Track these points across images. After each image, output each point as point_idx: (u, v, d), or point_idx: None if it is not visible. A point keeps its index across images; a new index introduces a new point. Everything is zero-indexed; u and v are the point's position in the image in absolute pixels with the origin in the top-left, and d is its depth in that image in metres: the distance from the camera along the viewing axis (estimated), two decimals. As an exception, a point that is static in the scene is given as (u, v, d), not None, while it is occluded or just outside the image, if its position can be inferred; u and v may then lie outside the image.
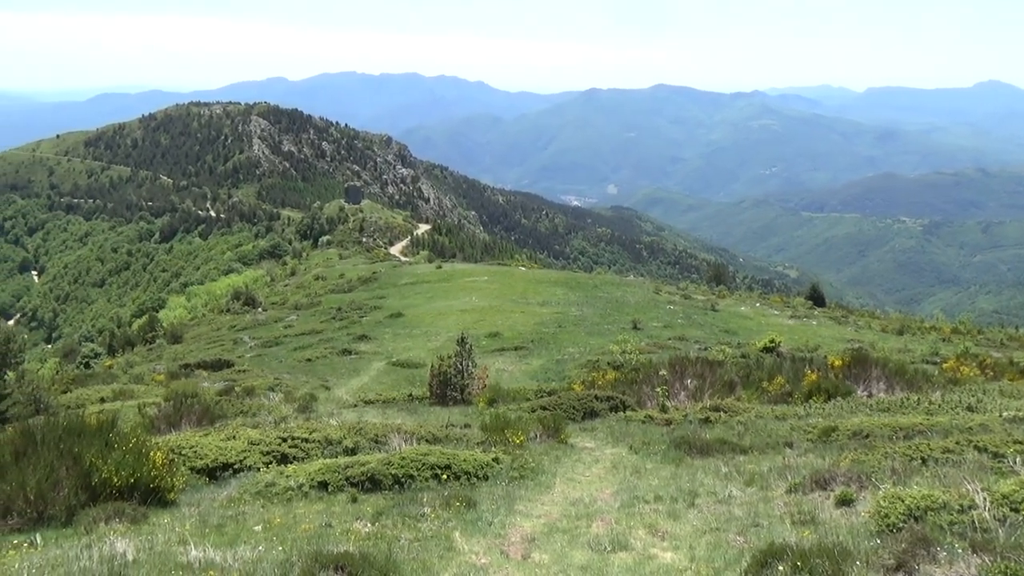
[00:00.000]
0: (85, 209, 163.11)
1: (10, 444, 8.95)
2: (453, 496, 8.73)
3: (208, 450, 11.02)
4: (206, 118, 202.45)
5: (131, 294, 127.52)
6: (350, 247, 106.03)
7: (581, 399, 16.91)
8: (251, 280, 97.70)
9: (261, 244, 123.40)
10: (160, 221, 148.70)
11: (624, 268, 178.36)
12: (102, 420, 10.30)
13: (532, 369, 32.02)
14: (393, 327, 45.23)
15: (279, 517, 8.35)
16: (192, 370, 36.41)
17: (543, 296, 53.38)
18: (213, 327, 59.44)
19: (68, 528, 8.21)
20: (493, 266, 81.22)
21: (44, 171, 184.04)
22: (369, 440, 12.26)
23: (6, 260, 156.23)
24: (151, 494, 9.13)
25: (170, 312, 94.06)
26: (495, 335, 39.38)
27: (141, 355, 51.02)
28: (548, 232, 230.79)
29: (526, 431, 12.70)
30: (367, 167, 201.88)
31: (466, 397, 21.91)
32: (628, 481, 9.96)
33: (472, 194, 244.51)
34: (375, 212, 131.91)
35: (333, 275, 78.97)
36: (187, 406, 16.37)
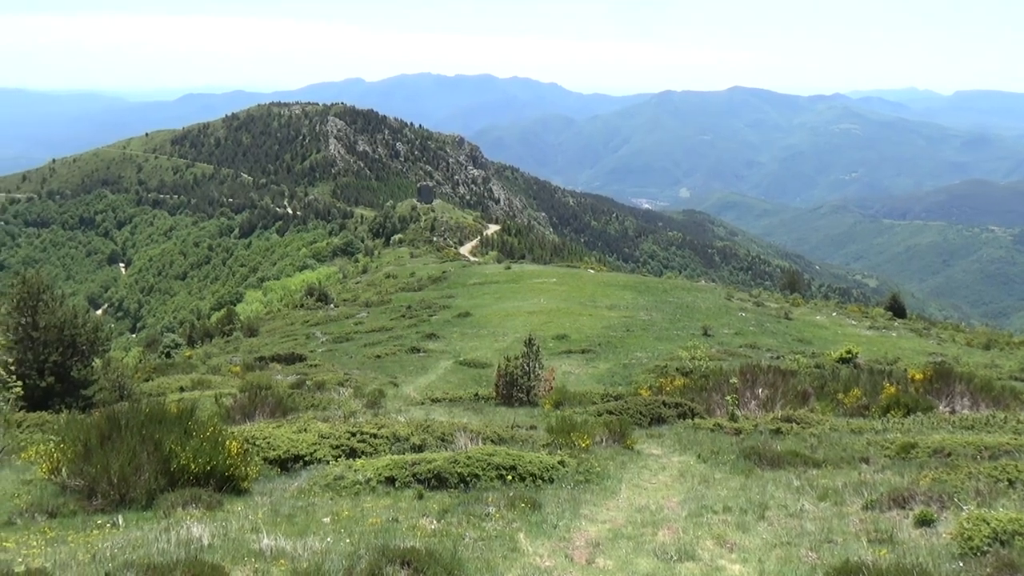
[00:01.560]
0: (170, 204, 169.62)
1: (96, 428, 9.34)
2: (518, 497, 8.73)
3: (280, 442, 11.29)
4: (285, 118, 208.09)
5: (211, 287, 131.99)
6: (421, 246, 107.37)
7: (648, 405, 16.70)
8: (324, 277, 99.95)
9: (335, 241, 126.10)
10: (240, 217, 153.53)
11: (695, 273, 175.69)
12: (181, 409, 10.67)
13: (599, 373, 31.81)
14: (461, 326, 45.58)
15: (347, 510, 8.49)
16: (266, 363, 37.45)
17: (611, 299, 52.99)
18: (287, 321, 61.00)
19: (148, 511, 8.52)
20: (562, 268, 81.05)
21: (133, 168, 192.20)
22: (436, 438, 12.37)
23: (96, 252, 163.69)
24: (226, 482, 9.41)
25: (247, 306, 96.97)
26: (562, 337, 39.27)
27: (219, 347, 52.73)
28: (618, 235, 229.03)
29: (592, 435, 12.62)
30: (439, 167, 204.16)
31: (532, 399, 21.90)
32: (696, 490, 9.79)
33: (542, 195, 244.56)
34: (446, 212, 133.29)
35: (404, 273, 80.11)
36: (261, 398, 16.80)
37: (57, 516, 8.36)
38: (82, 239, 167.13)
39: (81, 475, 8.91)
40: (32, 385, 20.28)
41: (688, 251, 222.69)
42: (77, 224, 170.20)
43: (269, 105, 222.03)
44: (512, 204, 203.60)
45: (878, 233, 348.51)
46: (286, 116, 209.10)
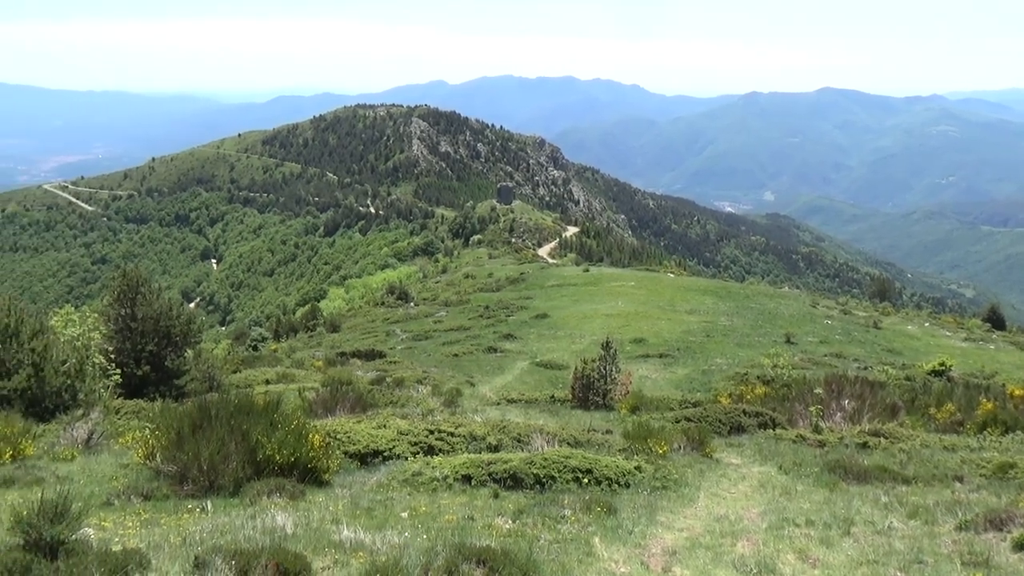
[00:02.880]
0: (259, 203, 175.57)
1: (189, 417, 9.75)
2: (594, 501, 8.68)
3: (360, 436, 11.54)
4: (370, 119, 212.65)
5: (296, 284, 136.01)
6: (500, 247, 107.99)
7: (728, 413, 16.37)
8: (405, 275, 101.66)
9: (415, 241, 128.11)
10: (325, 216, 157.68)
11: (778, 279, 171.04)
12: (267, 401, 11.01)
13: (677, 378, 31.35)
14: (538, 328, 45.64)
15: (424, 506, 8.61)
16: (347, 358, 38.35)
17: (691, 304, 52.16)
18: (368, 319, 62.32)
19: (234, 499, 8.83)
20: (640, 271, 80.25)
21: (226, 167, 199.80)
22: (512, 438, 12.42)
23: (190, 248, 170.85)
24: (308, 474, 9.68)
25: (330, 302, 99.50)
26: (640, 341, 38.88)
27: (302, 341, 54.28)
28: (699, 239, 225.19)
29: (669, 441, 12.44)
30: (520, 168, 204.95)
31: (608, 402, 21.74)
32: (777, 502, 9.53)
33: (622, 197, 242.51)
34: (525, 213, 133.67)
35: (482, 274, 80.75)
36: (342, 393, 17.20)
37: (151, 499, 8.75)
38: (177, 235, 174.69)
39: (174, 461, 9.31)
40: (129, 373, 21.30)
41: (772, 256, 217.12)
42: (173, 221, 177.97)
43: (355, 107, 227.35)
44: (592, 206, 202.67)
45: (976, 240, 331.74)
46: (371, 117, 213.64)
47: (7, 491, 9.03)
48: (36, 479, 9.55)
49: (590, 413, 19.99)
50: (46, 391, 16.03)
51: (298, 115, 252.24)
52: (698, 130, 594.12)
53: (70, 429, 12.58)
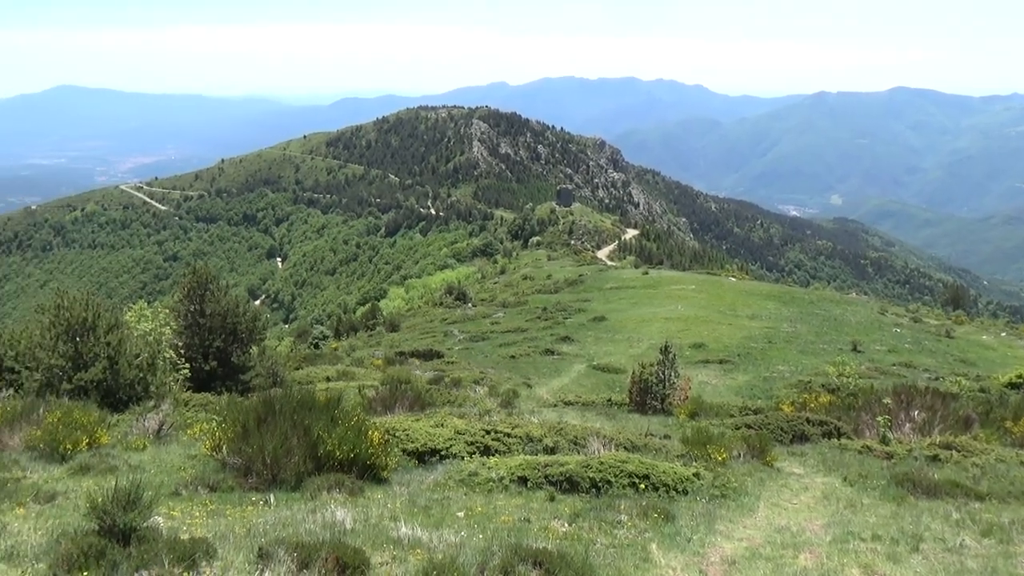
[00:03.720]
0: (323, 203, 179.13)
1: (254, 412, 10.00)
2: (651, 507, 8.59)
3: (418, 435, 11.65)
4: (432, 121, 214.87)
5: (357, 283, 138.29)
6: (558, 249, 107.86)
7: (790, 421, 16.00)
8: (463, 276, 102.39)
9: (474, 242, 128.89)
10: (386, 217, 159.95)
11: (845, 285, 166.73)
12: (328, 398, 11.22)
13: (737, 384, 30.83)
14: (596, 330, 45.43)
15: (480, 506, 8.65)
16: (406, 358, 38.80)
17: (753, 309, 51.24)
18: (427, 319, 62.95)
19: (296, 492, 9.02)
20: (701, 275, 79.17)
21: (291, 168, 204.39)
22: (568, 441, 12.38)
23: (256, 247, 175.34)
24: (367, 470, 9.82)
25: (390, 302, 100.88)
26: (700, 346, 38.37)
27: (362, 340, 55.15)
28: (762, 242, 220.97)
29: (729, 449, 12.24)
30: (579, 170, 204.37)
31: (666, 407, 21.50)
32: (841, 514, 9.28)
33: (683, 200, 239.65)
34: (584, 215, 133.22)
35: (540, 275, 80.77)
36: (401, 392, 17.40)
37: (217, 490, 9.00)
38: (244, 234, 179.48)
39: (239, 454, 9.56)
40: (197, 368, 21.95)
41: (838, 261, 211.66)
42: (241, 220, 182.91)
43: (417, 109, 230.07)
44: (652, 208, 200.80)
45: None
46: (432, 119, 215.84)
47: (83, 477, 9.41)
48: (110, 467, 9.92)
49: (647, 418, 19.80)
50: (120, 383, 16.64)
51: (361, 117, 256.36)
52: (763, 131, 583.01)
53: (142, 420, 13.02)
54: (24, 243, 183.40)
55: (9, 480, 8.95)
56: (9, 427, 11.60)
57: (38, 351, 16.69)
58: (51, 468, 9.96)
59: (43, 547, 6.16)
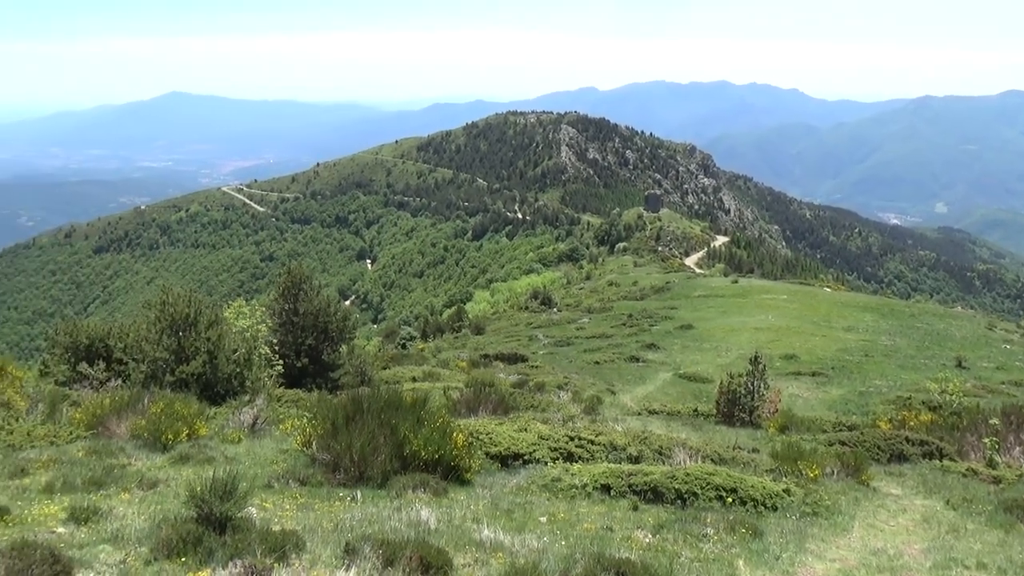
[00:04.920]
0: (412, 207, 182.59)
1: (343, 409, 10.25)
2: (738, 521, 8.37)
3: (502, 438, 11.70)
4: (520, 126, 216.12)
5: (444, 286, 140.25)
6: (645, 255, 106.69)
7: (888, 439, 15.31)
8: (549, 281, 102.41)
9: (560, 247, 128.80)
10: (473, 220, 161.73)
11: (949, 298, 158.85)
12: (415, 398, 11.38)
13: (830, 399, 29.77)
14: (682, 339, 44.69)
15: (563, 512, 8.62)
16: (490, 361, 39.08)
17: (849, 321, 49.41)
18: (512, 322, 63.27)
19: (381, 490, 9.19)
20: (794, 284, 76.86)
21: (383, 172, 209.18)
22: (653, 451, 12.19)
23: (348, 249, 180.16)
24: (451, 471, 9.92)
25: (475, 305, 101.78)
26: (791, 357, 37.25)
27: (448, 342, 55.86)
28: (860, 252, 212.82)
29: (822, 465, 11.80)
30: (668, 176, 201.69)
31: (755, 420, 20.92)
32: (943, 540, 8.81)
33: (776, 207, 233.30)
34: (673, 221, 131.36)
35: (626, 282, 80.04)
36: (485, 395, 17.51)
37: (306, 484, 9.26)
38: (337, 236, 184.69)
39: (328, 450, 9.82)
40: (290, 365, 22.70)
41: (942, 273, 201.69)
42: (333, 222, 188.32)
43: (506, 114, 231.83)
44: (743, 215, 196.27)
45: None
46: (521, 124, 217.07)
47: (183, 467, 9.84)
48: (208, 458, 10.34)
49: (735, 430, 19.32)
50: (218, 377, 17.36)
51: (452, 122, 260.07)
52: (862, 136, 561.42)
53: (238, 413, 13.54)
54: (133, 241, 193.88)
55: (116, 466, 9.45)
56: (117, 416, 12.25)
57: (144, 344, 17.59)
58: (154, 456, 10.46)
59: (145, 531, 6.46)
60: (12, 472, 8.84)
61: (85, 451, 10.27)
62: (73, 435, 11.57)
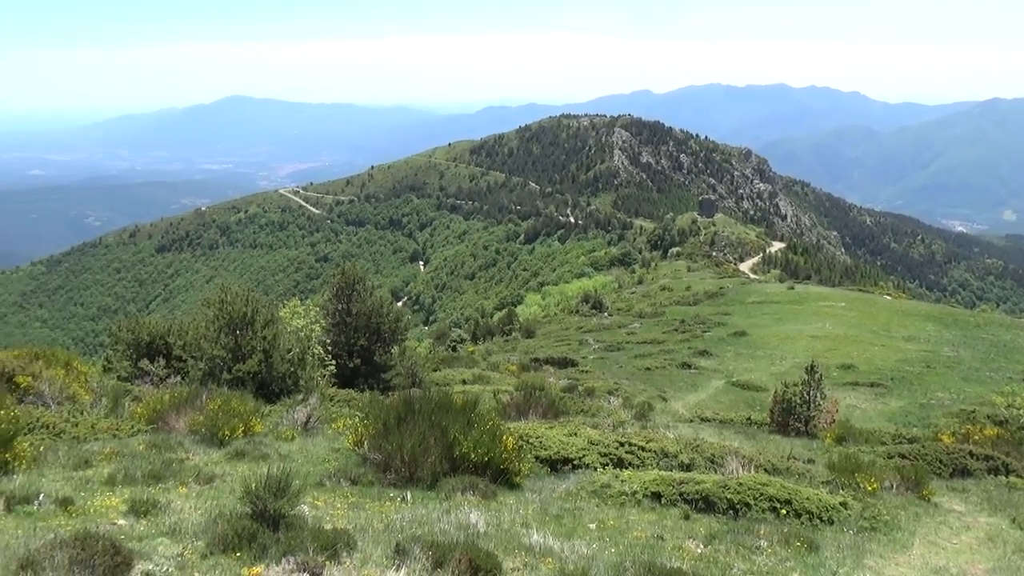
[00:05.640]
0: (465, 210, 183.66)
1: (394, 410, 10.33)
2: (793, 534, 8.18)
3: (552, 443, 11.66)
4: (573, 130, 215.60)
5: (495, 289, 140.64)
6: (699, 260, 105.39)
7: (951, 453, 14.83)
8: (600, 285, 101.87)
9: (612, 251, 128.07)
10: (525, 224, 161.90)
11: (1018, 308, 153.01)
12: (465, 401, 11.41)
13: (890, 410, 28.97)
14: (736, 346, 44.01)
15: (612, 519, 8.54)
16: (540, 364, 39.03)
17: (910, 330, 48.04)
18: (562, 326, 63.08)
19: (431, 492, 9.23)
20: (852, 292, 75.02)
21: (436, 175, 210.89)
22: (705, 459, 12.02)
23: (400, 251, 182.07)
24: (500, 475, 9.92)
25: (526, 308, 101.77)
26: (848, 367, 36.38)
27: (498, 345, 55.98)
28: (922, 259, 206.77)
29: (880, 478, 11.50)
30: (723, 180, 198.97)
31: (810, 430, 20.47)
32: (1009, 560, 8.48)
33: (835, 213, 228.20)
34: (727, 227, 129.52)
35: (679, 287, 79.15)
36: (535, 398, 17.47)
37: (358, 484, 9.36)
38: (390, 238, 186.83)
39: (379, 450, 9.91)
40: (343, 365, 23.01)
41: (1010, 282, 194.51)
42: (387, 225, 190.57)
43: (559, 117, 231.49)
44: (800, 221, 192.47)
45: None
46: (574, 128, 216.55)
47: (238, 463, 10.04)
48: (262, 455, 10.53)
49: (790, 440, 18.93)
50: (273, 375, 17.69)
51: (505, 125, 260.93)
52: (925, 140, 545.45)
53: (291, 412, 13.76)
54: (194, 241, 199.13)
55: (174, 460, 9.68)
56: (176, 412, 12.56)
57: (203, 342, 18.02)
58: (210, 452, 10.70)
59: (202, 525, 6.60)
60: (76, 463, 9.13)
61: (145, 445, 10.55)
62: (134, 429, 11.91)
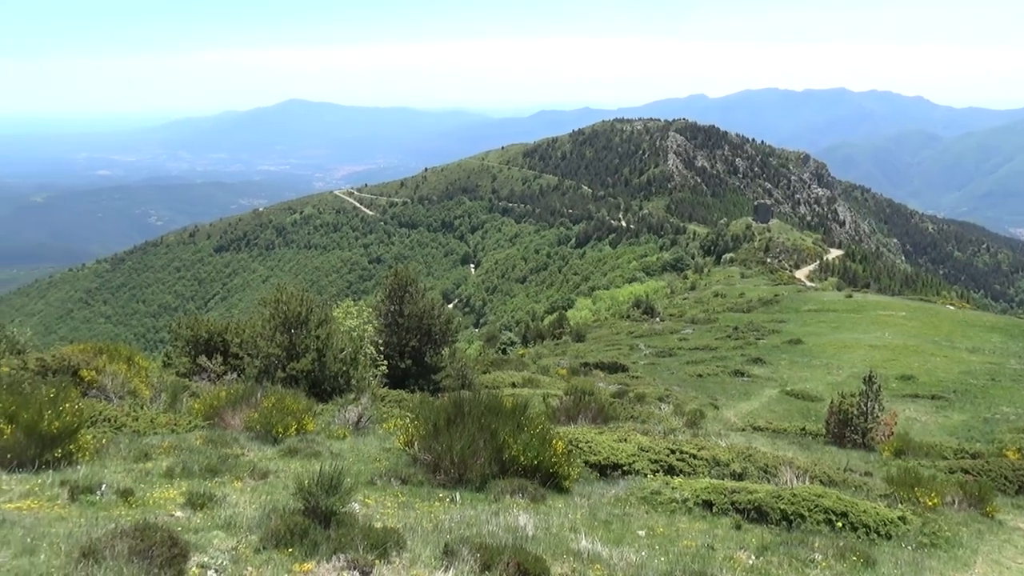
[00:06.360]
0: (517, 213, 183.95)
1: (444, 412, 10.38)
2: (849, 548, 7.98)
3: (601, 448, 11.59)
4: (627, 133, 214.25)
5: (545, 292, 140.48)
6: (753, 266, 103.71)
7: (1016, 470, 14.31)
8: (652, 290, 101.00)
9: (665, 256, 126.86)
10: (577, 228, 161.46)
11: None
12: (515, 403, 11.40)
13: (951, 424, 28.07)
14: (790, 354, 43.18)
15: (662, 527, 8.44)
16: (590, 369, 38.88)
17: (973, 341, 46.49)
18: (613, 331, 62.71)
19: (480, 493, 9.25)
20: (913, 301, 72.96)
21: (488, 177, 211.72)
22: (758, 468, 11.82)
23: (452, 253, 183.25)
24: (549, 478, 9.89)
25: (576, 312, 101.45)
26: (908, 378, 35.38)
27: (548, 348, 55.91)
28: (988, 269, 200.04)
29: (941, 493, 11.15)
30: (779, 185, 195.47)
31: (867, 442, 19.95)
32: (1079, 582, 8.14)
33: (895, 219, 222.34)
34: (783, 232, 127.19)
35: (733, 293, 78.00)
36: (585, 403, 17.39)
37: (408, 483, 9.44)
38: (442, 240, 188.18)
39: (429, 451, 9.97)
40: (394, 365, 23.24)
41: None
42: (439, 227, 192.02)
43: (613, 121, 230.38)
44: (859, 227, 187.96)
45: None
46: (628, 131, 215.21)
47: (291, 460, 10.21)
48: (314, 452, 10.70)
49: (846, 452, 18.49)
50: (326, 374, 17.96)
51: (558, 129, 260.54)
52: (992, 146, 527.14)
53: (343, 411, 13.95)
54: (251, 241, 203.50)
55: (230, 456, 9.90)
56: (232, 408, 12.84)
57: (259, 340, 18.39)
58: (264, 448, 10.91)
59: (256, 520, 6.72)
60: (137, 456, 9.40)
61: (202, 440, 10.81)
62: (192, 424, 12.21)
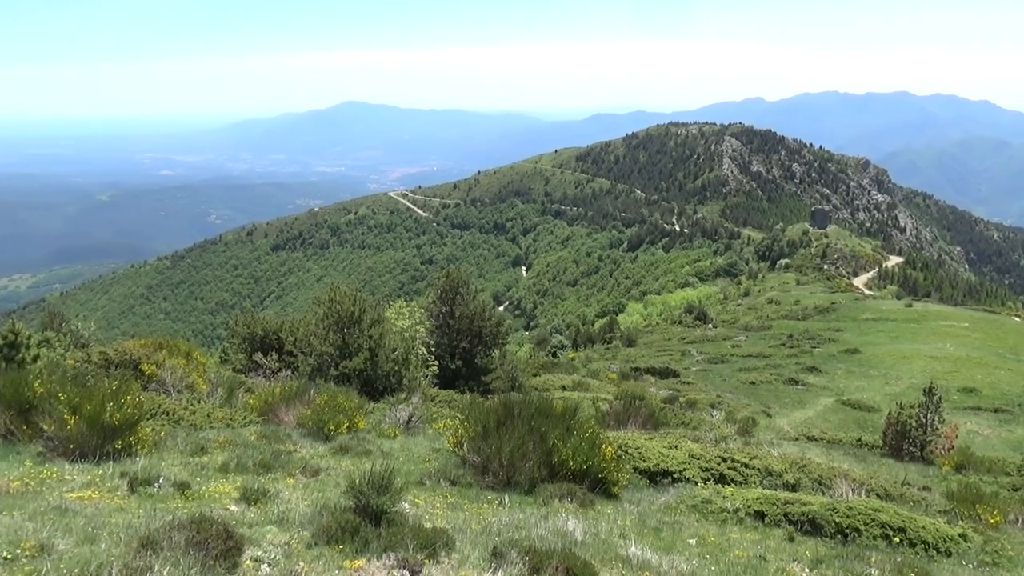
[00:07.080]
0: (569, 216, 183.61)
1: (494, 414, 10.40)
2: (907, 564, 7.75)
3: (651, 454, 11.48)
4: (682, 137, 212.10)
5: (596, 296, 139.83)
6: (809, 273, 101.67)
7: (1087, 489, 13.73)
8: (704, 296, 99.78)
9: (718, 261, 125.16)
10: (629, 231, 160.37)
11: None
12: (564, 407, 11.36)
13: (1016, 439, 27.10)
14: (847, 363, 42.22)
15: (712, 536, 8.33)
16: (641, 374, 38.56)
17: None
18: (664, 336, 62.12)
19: (528, 496, 9.24)
20: (977, 311, 70.63)
21: (541, 180, 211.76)
22: (812, 479, 11.58)
23: (504, 255, 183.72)
24: (598, 484, 9.83)
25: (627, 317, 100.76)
26: (970, 391, 34.28)
27: (599, 352, 55.64)
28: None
29: (1004, 511, 10.77)
30: (838, 191, 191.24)
31: (926, 455, 19.39)
32: None
33: (959, 227, 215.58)
34: (841, 239, 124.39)
35: (788, 300, 76.61)
36: (635, 408, 17.27)
37: (457, 484, 9.48)
38: (494, 242, 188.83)
39: (478, 453, 10.00)
40: (444, 366, 23.42)
41: None
42: (491, 229, 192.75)
43: (667, 125, 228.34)
44: (920, 235, 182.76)
45: None
46: (682, 135, 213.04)
47: (343, 457, 10.36)
48: (365, 451, 10.83)
49: (904, 465, 18.00)
50: (378, 374, 18.19)
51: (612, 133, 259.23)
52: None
53: (394, 410, 14.10)
54: (307, 241, 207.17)
55: (283, 452, 10.08)
56: (286, 405, 13.10)
57: (312, 339, 18.72)
58: (316, 445, 11.08)
59: (307, 516, 6.83)
60: (193, 450, 9.64)
61: (257, 435, 11.04)
62: (247, 419, 12.48)
